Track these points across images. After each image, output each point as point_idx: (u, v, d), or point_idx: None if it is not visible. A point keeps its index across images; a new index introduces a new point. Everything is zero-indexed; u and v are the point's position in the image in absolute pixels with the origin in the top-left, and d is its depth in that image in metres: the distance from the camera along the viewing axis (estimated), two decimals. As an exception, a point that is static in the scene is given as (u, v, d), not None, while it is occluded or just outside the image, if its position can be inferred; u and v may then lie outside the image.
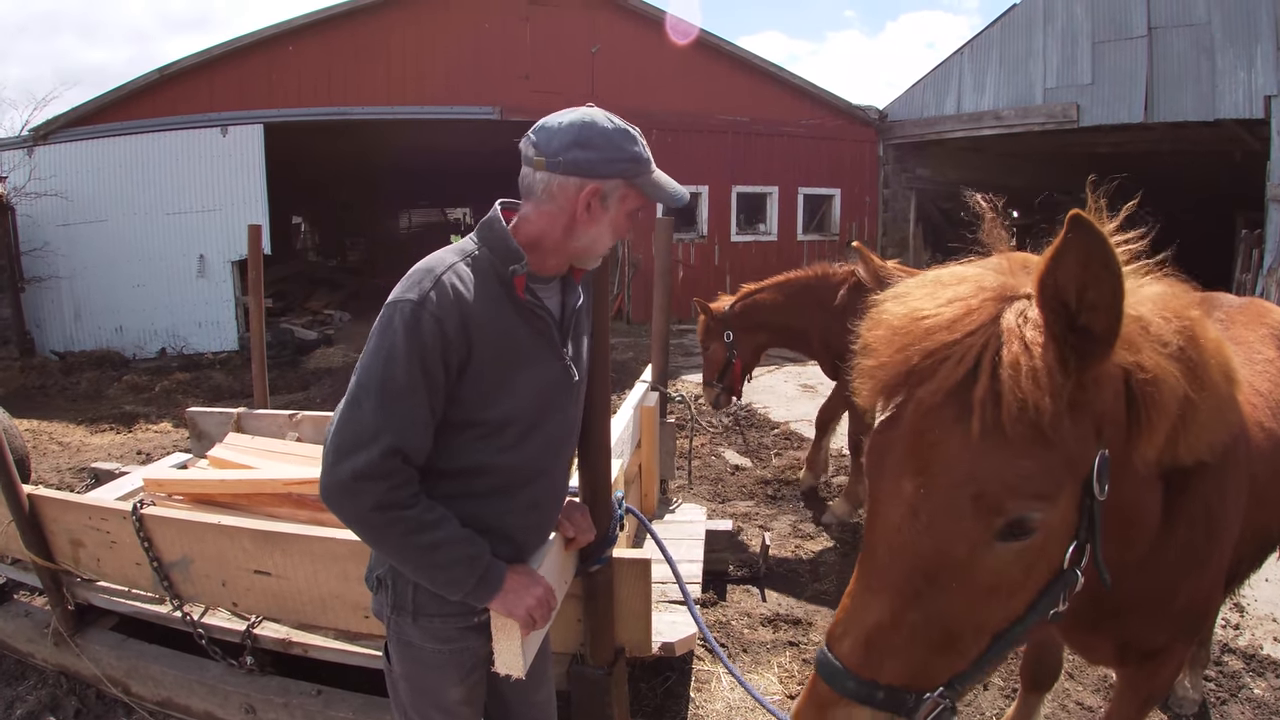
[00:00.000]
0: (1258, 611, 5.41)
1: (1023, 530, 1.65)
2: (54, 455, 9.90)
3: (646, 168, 2.30)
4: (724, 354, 7.17)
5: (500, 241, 2.28)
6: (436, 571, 2.22)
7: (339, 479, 2.09)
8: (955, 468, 1.65)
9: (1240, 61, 15.01)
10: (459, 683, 2.49)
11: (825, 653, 1.76)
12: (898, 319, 1.78)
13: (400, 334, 2.10)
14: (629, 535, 4.58)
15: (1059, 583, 1.76)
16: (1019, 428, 1.59)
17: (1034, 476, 1.63)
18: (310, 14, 17.22)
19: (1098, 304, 1.57)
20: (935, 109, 20.77)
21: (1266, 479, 2.61)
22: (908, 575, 1.68)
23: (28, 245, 16.35)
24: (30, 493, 4.08)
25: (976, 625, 1.72)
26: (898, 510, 1.71)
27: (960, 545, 1.65)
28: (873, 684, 1.69)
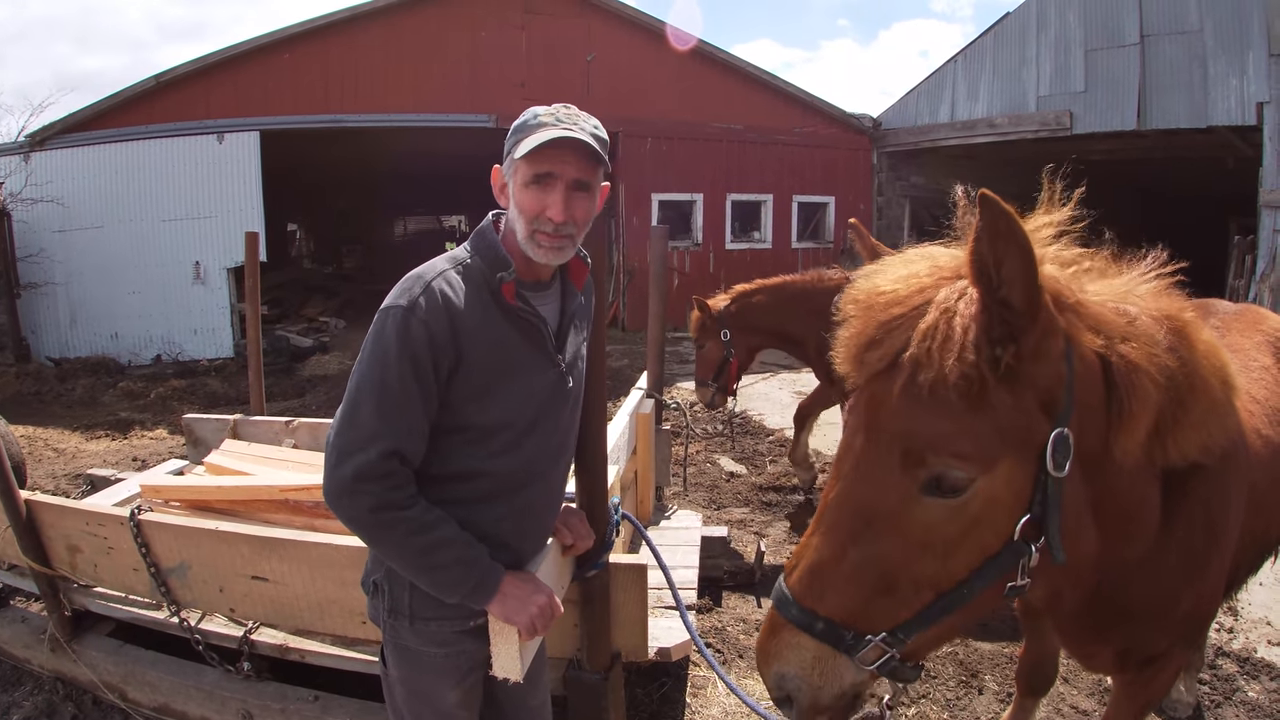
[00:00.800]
0: (1252, 615, 5.43)
1: (949, 488, 1.79)
2: (50, 462, 9.89)
3: (528, 133, 2.27)
4: (720, 352, 7.15)
5: (490, 249, 2.33)
6: (434, 572, 2.25)
7: (340, 480, 2.14)
8: (889, 424, 1.83)
9: (1232, 68, 15.07)
10: (455, 686, 2.50)
11: (780, 583, 1.95)
12: (864, 294, 1.95)
13: (392, 339, 2.16)
14: (625, 541, 4.60)
15: (1009, 553, 1.85)
16: (943, 391, 1.75)
17: (953, 436, 1.77)
18: (306, 21, 17.27)
19: (1012, 278, 1.69)
20: (929, 117, 20.84)
21: (1265, 486, 2.64)
22: (848, 519, 1.86)
23: (24, 251, 16.33)
24: (27, 498, 4.08)
25: (913, 577, 1.84)
26: (848, 461, 1.91)
27: (889, 495, 1.82)
28: (813, 613, 1.86)
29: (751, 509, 7.61)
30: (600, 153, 2.30)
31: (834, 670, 1.87)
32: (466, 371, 2.23)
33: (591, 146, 2.26)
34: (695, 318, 7.28)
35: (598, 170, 2.36)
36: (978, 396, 1.75)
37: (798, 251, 21.75)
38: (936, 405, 1.76)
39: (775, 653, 1.91)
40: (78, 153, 16.41)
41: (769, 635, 1.93)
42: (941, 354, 1.74)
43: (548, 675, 2.93)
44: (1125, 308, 1.98)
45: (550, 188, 2.27)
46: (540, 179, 2.26)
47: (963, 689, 4.58)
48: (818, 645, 1.86)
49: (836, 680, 1.88)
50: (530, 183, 2.27)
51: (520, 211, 2.30)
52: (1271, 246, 14.67)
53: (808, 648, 1.87)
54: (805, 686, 1.88)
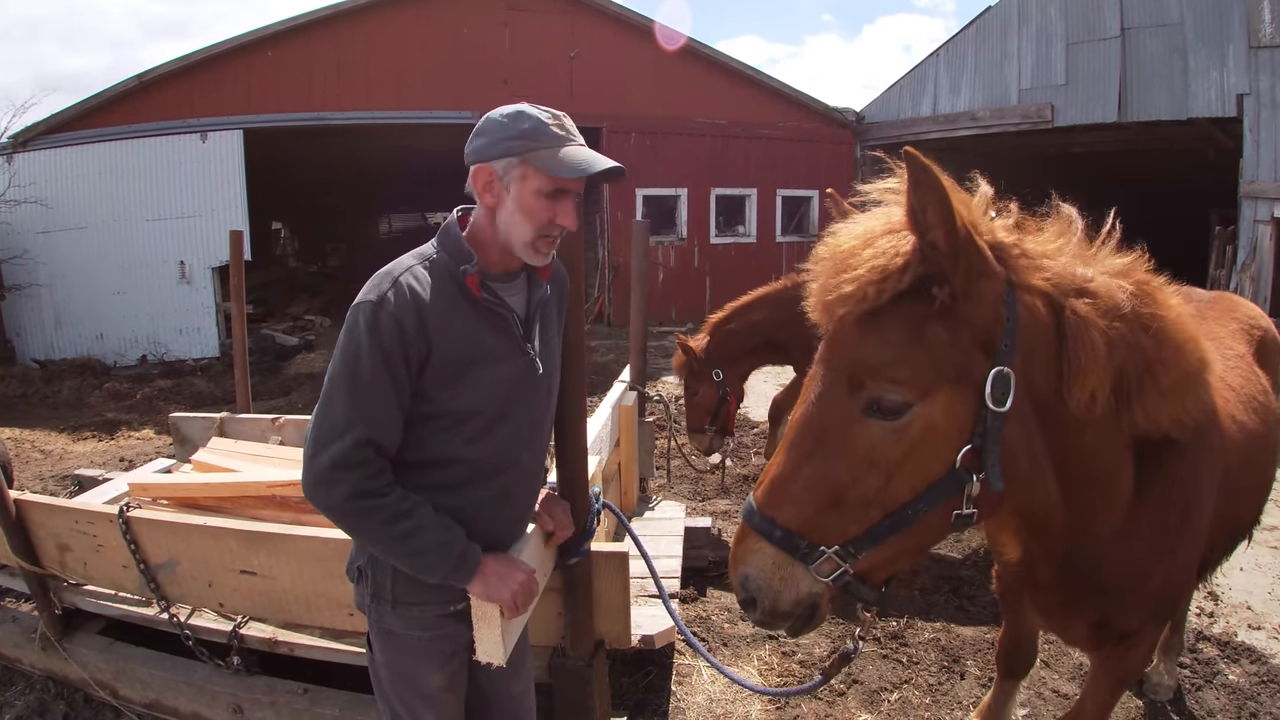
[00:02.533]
0: (1232, 599, 5.50)
1: (888, 409, 1.99)
2: (37, 463, 9.88)
3: (541, 142, 2.33)
4: (715, 395, 6.91)
5: (454, 244, 2.42)
6: (414, 557, 2.31)
7: (317, 470, 2.22)
8: (840, 355, 2.06)
9: (1213, 61, 15.14)
10: (439, 669, 2.55)
11: (749, 497, 2.14)
12: (827, 249, 2.15)
13: (363, 333, 2.24)
14: (608, 532, 4.64)
15: (951, 480, 2.02)
16: (884, 324, 1.99)
17: (891, 364, 1.98)
18: (289, 19, 17.21)
19: (934, 222, 1.91)
20: (912, 110, 20.87)
21: (1238, 470, 2.73)
22: (804, 438, 2.06)
23: (7, 253, 16.26)
24: (16, 498, 4.10)
25: (861, 494, 2.02)
26: (810, 388, 2.12)
27: (836, 415, 2.03)
28: (771, 521, 2.05)
29: (735, 500, 7.63)
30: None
31: (791, 577, 2.04)
32: (437, 361, 2.30)
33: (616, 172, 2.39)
34: (680, 361, 7.10)
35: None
36: (913, 329, 1.98)
37: (782, 245, 21.80)
38: (879, 337, 1.99)
39: (740, 557, 2.10)
40: (61, 153, 16.32)
41: (737, 542, 2.13)
42: (878, 289, 1.95)
43: (530, 663, 2.96)
44: (1084, 270, 2.13)
45: (563, 200, 2.37)
46: (558, 193, 2.35)
47: (945, 674, 4.63)
48: (776, 552, 2.04)
49: (793, 586, 2.05)
50: (547, 194, 2.34)
51: (527, 217, 2.35)
52: (1252, 237, 14.77)
53: (767, 554, 2.05)
54: (766, 589, 2.05)
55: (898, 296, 1.96)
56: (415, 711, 2.60)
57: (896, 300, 1.96)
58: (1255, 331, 3.46)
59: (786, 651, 4.85)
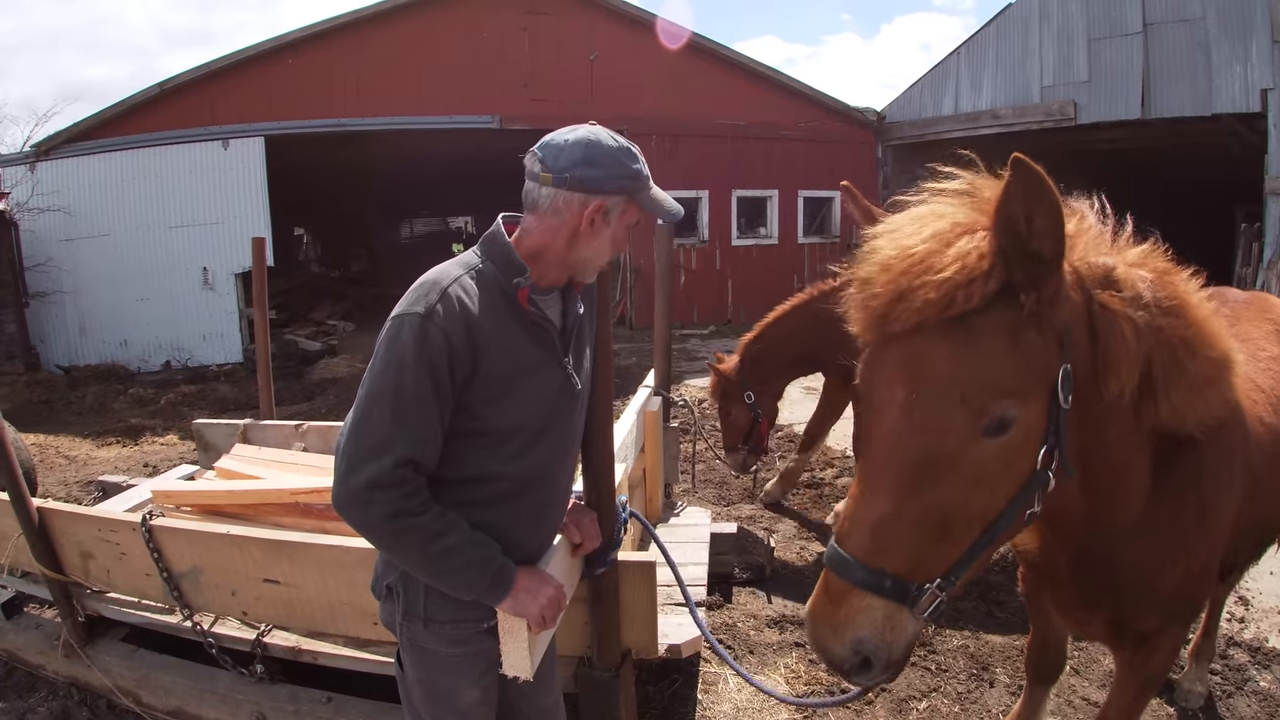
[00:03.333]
0: (1263, 604, 5.41)
1: (1004, 426, 1.88)
2: (61, 469, 9.94)
3: (645, 184, 2.36)
4: (749, 416, 6.91)
5: (503, 255, 2.34)
6: (450, 576, 2.27)
7: (352, 489, 2.14)
8: (940, 373, 1.88)
9: (1236, 55, 14.99)
10: (474, 685, 2.51)
11: (835, 549, 1.95)
12: (888, 253, 1.98)
13: (409, 346, 2.15)
14: (634, 539, 4.60)
15: (1034, 481, 1.97)
16: (989, 337, 1.87)
17: (1005, 377, 1.87)
18: (308, 26, 17.33)
19: (1044, 230, 1.81)
20: (933, 110, 20.76)
21: (1266, 472, 2.66)
22: (906, 471, 1.89)
23: (31, 261, 16.42)
24: (40, 505, 4.11)
25: (967, 515, 1.92)
26: (894, 415, 1.93)
27: (949, 440, 1.87)
28: (880, 572, 1.89)
29: (760, 506, 7.61)
30: None
31: (901, 625, 1.92)
32: (484, 377, 2.24)
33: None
34: (713, 384, 7.12)
35: None
36: (1011, 338, 1.88)
37: (804, 246, 21.74)
38: (984, 349, 1.87)
39: (847, 620, 1.92)
40: (83, 161, 16.47)
41: (834, 605, 1.94)
42: (968, 294, 1.85)
43: (558, 676, 2.94)
44: (1106, 259, 2.10)
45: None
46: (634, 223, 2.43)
47: (974, 682, 4.57)
48: (886, 604, 1.90)
49: (904, 634, 1.93)
50: (632, 226, 2.42)
51: (614, 245, 2.42)
52: (1278, 234, 14.61)
53: (878, 608, 1.90)
54: (882, 647, 1.91)
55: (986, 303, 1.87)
56: None
57: (984, 309, 1.87)
58: None
59: (813, 659, 4.79)
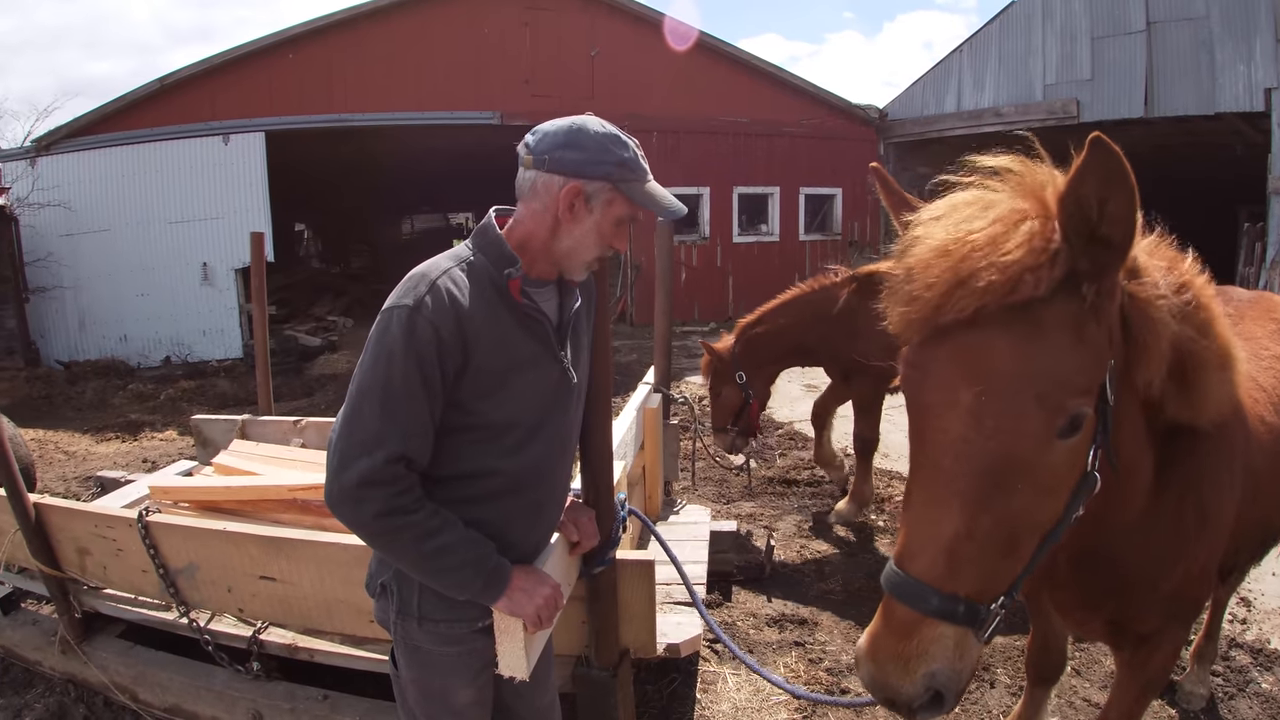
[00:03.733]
0: (1265, 606, 5.39)
1: (1076, 427, 1.76)
2: (60, 465, 9.93)
3: (636, 175, 2.30)
4: (739, 397, 6.94)
5: (494, 246, 2.31)
6: (444, 575, 2.24)
7: (344, 486, 2.10)
8: (1012, 372, 1.73)
9: (1240, 54, 14.97)
10: (469, 684, 2.49)
11: (899, 574, 1.78)
12: (942, 238, 1.83)
13: (398, 339, 2.12)
14: (633, 537, 4.59)
15: (1085, 483, 1.85)
16: (1057, 330, 1.73)
17: (1080, 373, 1.75)
18: (309, 22, 17.32)
19: (1117, 215, 1.68)
20: (935, 107, 20.74)
21: (1267, 473, 2.63)
22: (978, 481, 1.73)
23: (31, 256, 16.41)
24: (36, 501, 4.09)
25: (1033, 524, 1.80)
26: (959, 420, 1.76)
27: (1023, 444, 1.72)
28: (954, 597, 1.73)
29: (761, 503, 7.60)
30: None
31: (970, 651, 1.79)
32: (475, 371, 2.21)
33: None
34: (705, 363, 7.15)
35: None
36: (1077, 331, 1.75)
37: (805, 244, 21.73)
38: (1051, 344, 1.74)
39: (920, 653, 1.75)
40: (84, 156, 16.46)
41: (903, 637, 1.77)
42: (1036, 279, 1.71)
43: (555, 676, 2.93)
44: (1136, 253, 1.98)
45: (625, 227, 2.38)
46: (629, 219, 2.36)
47: (975, 683, 4.55)
48: (958, 631, 1.75)
49: (971, 661, 1.80)
50: (623, 221, 2.34)
51: (600, 238, 2.34)
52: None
53: (950, 636, 1.75)
54: (954, 677, 1.77)
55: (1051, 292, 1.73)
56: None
57: (1047, 299, 1.73)
58: None
59: (813, 659, 4.78)
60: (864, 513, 6.97)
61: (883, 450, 7.67)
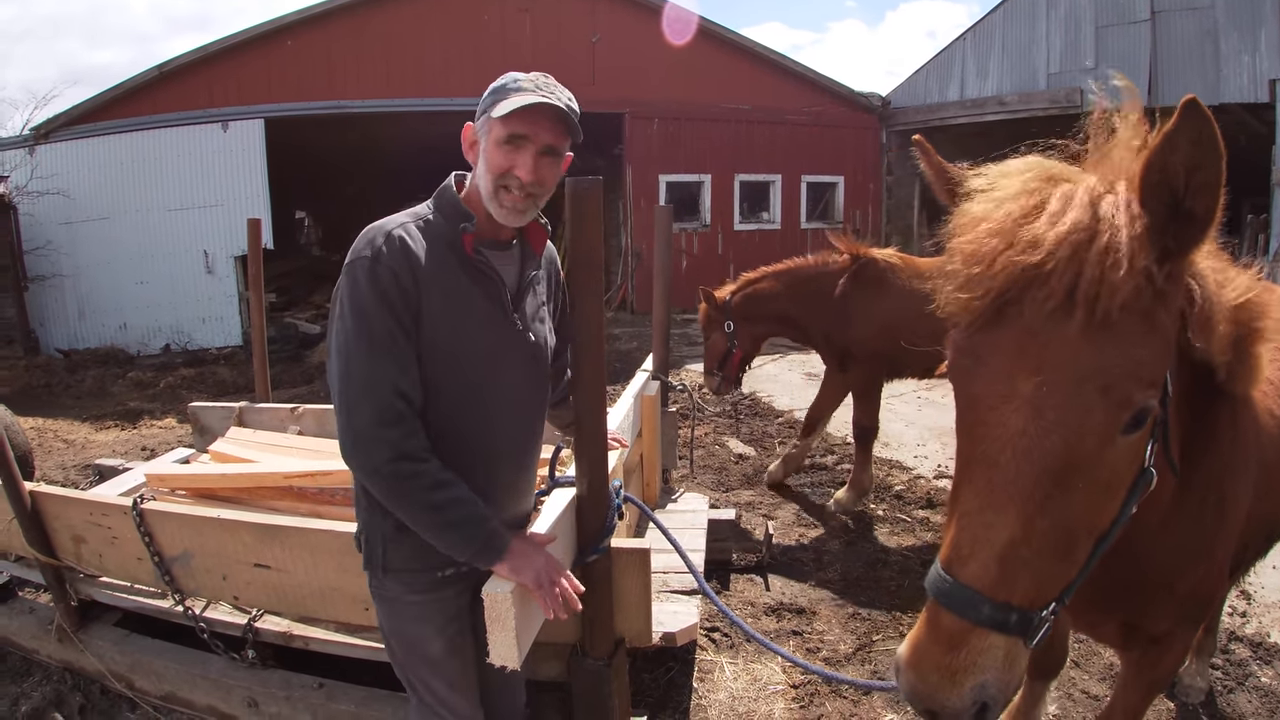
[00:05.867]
0: (1265, 599, 5.38)
1: (1141, 421, 1.65)
2: (59, 453, 9.93)
3: (506, 95, 2.36)
4: (724, 344, 7.15)
5: (450, 204, 2.44)
6: (450, 529, 2.29)
7: (357, 431, 2.20)
8: (1079, 362, 1.60)
9: (1245, 45, 14.95)
10: (438, 634, 2.56)
11: (948, 580, 1.67)
12: (998, 220, 1.70)
13: (365, 288, 2.22)
14: (630, 526, 4.58)
15: (1141, 480, 1.76)
16: (1128, 317, 1.59)
17: (1149, 363, 1.63)
18: (308, 8, 17.23)
19: (1205, 184, 1.56)
20: (938, 95, 20.72)
21: (1276, 466, 2.59)
22: (1036, 479, 1.61)
23: (30, 244, 16.38)
24: (32, 489, 4.08)
25: (1089, 526, 1.70)
26: (1018, 413, 1.64)
27: (1087, 441, 1.61)
28: (1006, 606, 1.62)
29: (759, 491, 7.58)
30: (574, 122, 2.40)
31: (1019, 660, 1.68)
32: (429, 321, 2.29)
33: (566, 113, 2.37)
34: (702, 309, 7.29)
35: (568, 139, 2.46)
36: (1147, 318, 1.62)
37: (806, 232, 21.66)
38: (1121, 333, 1.60)
39: (970, 665, 1.63)
40: (82, 144, 16.40)
41: (951, 648, 1.65)
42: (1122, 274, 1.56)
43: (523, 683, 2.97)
44: None
45: (522, 149, 2.35)
46: (514, 139, 2.34)
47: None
48: (1008, 640, 1.64)
49: (1019, 670, 1.70)
50: (504, 141, 2.35)
51: (489, 168, 2.37)
52: (1284, 225, 14.58)
53: (999, 646, 1.64)
54: (1004, 688, 1.66)
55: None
56: (425, 680, 2.62)
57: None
58: None
59: (811, 648, 4.78)
60: (863, 501, 6.96)
61: (882, 439, 7.66)
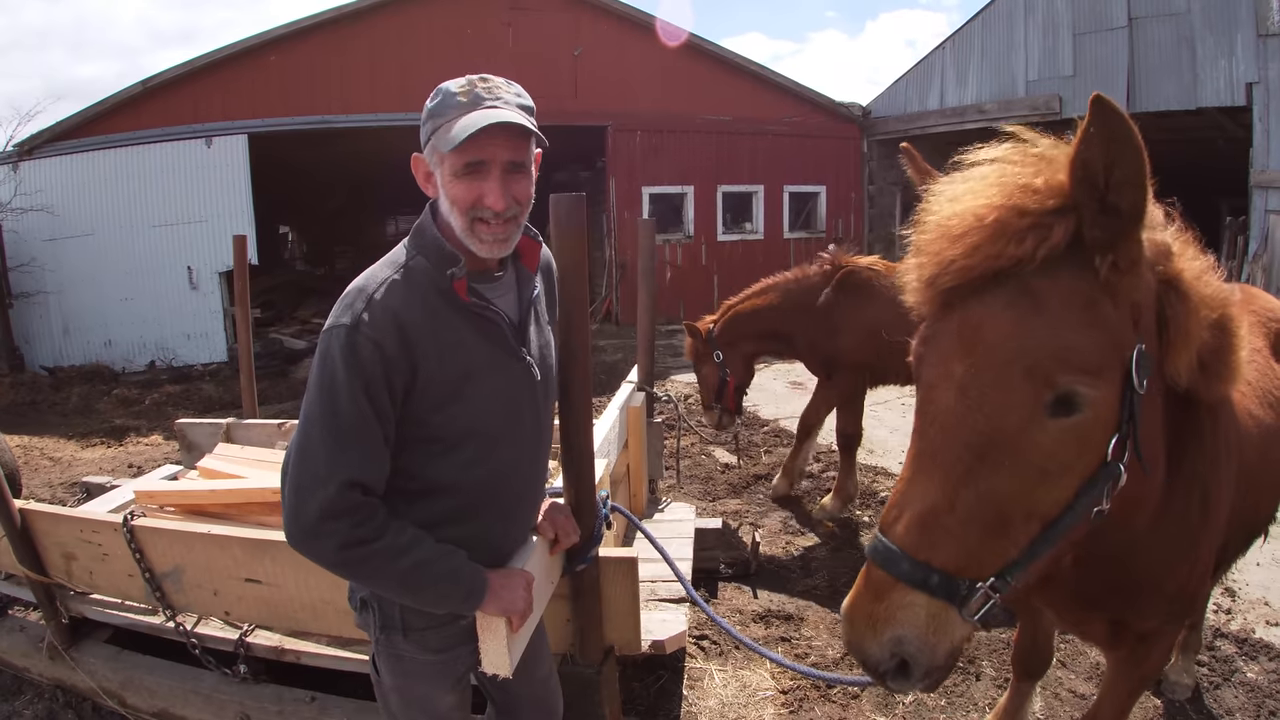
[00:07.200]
0: (1249, 595, 5.45)
1: (1072, 406, 1.73)
2: (45, 470, 9.89)
3: (447, 117, 2.11)
4: (716, 374, 7.11)
5: (434, 246, 2.18)
6: (423, 591, 2.17)
7: (303, 525, 2.03)
8: (1004, 344, 1.73)
9: (1221, 49, 15.06)
10: (450, 690, 2.48)
11: (879, 538, 1.81)
12: (945, 212, 1.88)
13: (339, 363, 2.01)
14: (618, 536, 4.60)
15: (1104, 474, 1.81)
16: (1064, 304, 1.72)
17: (1080, 350, 1.72)
18: (291, 23, 17.25)
19: (1125, 180, 1.66)
20: (918, 104, 20.82)
21: (1255, 466, 2.64)
22: (961, 453, 1.74)
23: (14, 261, 16.33)
24: (21, 507, 4.08)
25: (1028, 508, 1.77)
26: (949, 392, 1.78)
27: (1012, 418, 1.72)
28: (927, 566, 1.74)
29: (746, 500, 7.62)
30: (530, 127, 2.13)
31: (947, 626, 1.76)
32: (425, 384, 2.11)
33: (521, 124, 2.10)
34: (688, 344, 7.28)
35: (530, 145, 2.19)
36: (1086, 307, 1.74)
37: (790, 241, 21.75)
38: (1052, 319, 1.73)
39: (887, 616, 1.77)
40: (66, 160, 16.34)
41: (875, 599, 1.79)
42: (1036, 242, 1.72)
43: (549, 649, 2.92)
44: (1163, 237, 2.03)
45: (485, 175, 2.11)
46: (471, 168, 2.10)
47: (959, 675, 4.58)
48: (931, 601, 1.75)
49: (949, 637, 1.77)
50: (462, 174, 2.10)
51: (454, 203, 2.13)
52: (1263, 227, 14.69)
53: (921, 605, 1.75)
54: (924, 648, 1.76)
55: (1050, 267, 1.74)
56: None
57: (1053, 275, 1.74)
58: (1272, 324, 3.37)
59: (799, 653, 4.81)
60: (849, 508, 7.00)
61: (867, 446, 7.71)
